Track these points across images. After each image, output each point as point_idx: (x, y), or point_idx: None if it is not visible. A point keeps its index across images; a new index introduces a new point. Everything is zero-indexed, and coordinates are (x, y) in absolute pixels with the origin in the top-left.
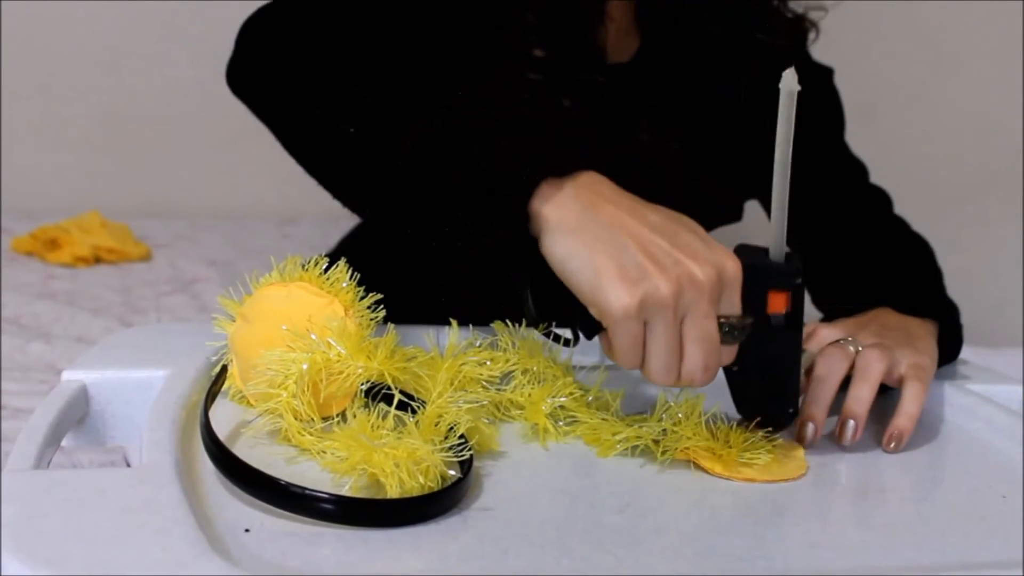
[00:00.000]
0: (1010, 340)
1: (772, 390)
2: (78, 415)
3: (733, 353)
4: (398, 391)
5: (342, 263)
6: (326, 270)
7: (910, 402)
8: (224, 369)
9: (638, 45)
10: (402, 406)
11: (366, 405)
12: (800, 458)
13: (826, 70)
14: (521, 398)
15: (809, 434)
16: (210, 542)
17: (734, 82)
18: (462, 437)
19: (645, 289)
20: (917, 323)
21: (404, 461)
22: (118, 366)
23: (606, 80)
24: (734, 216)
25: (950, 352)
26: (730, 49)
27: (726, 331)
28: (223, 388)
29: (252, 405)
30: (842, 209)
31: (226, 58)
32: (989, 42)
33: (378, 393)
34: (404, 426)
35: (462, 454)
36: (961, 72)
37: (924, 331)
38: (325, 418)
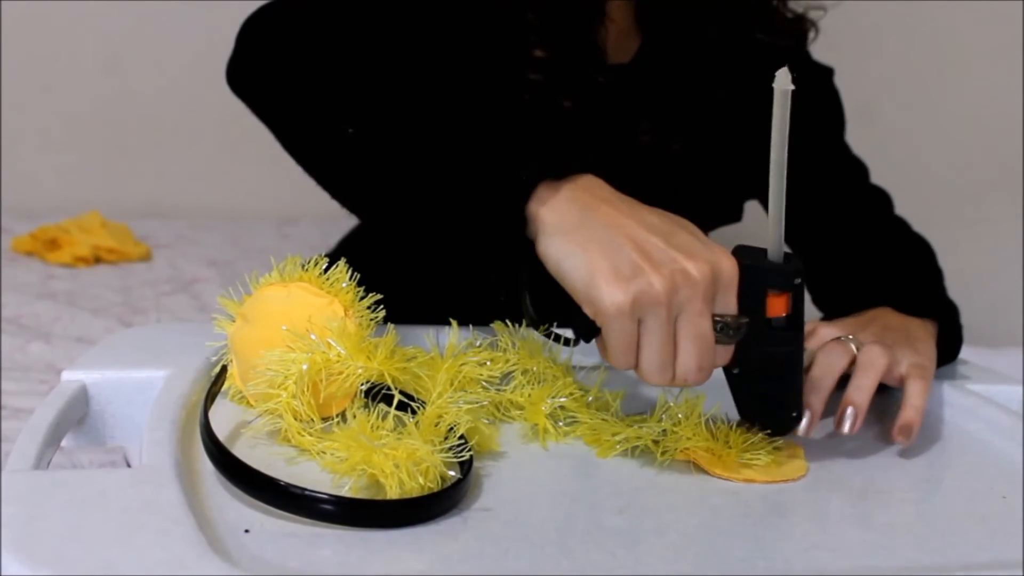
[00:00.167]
0: (1010, 340)
1: (775, 393)
2: (78, 415)
3: (728, 353)
4: (398, 391)
5: (342, 263)
6: (326, 270)
7: (915, 396)
8: (224, 369)
9: (638, 46)
10: (402, 406)
11: (366, 405)
12: (800, 459)
13: (826, 70)
14: (521, 398)
15: (804, 424)
16: (210, 543)
17: (734, 82)
18: (462, 437)
19: (639, 286)
20: (917, 324)
21: (404, 462)
22: (118, 366)
23: (606, 81)
24: (734, 216)
25: (950, 352)
26: (730, 49)
27: (721, 330)
28: (223, 388)
29: (252, 405)
30: (842, 209)
31: (226, 58)
32: (990, 42)
33: (378, 393)
34: (404, 427)
35: (462, 455)
36: (962, 72)
37: (924, 332)
38: (325, 418)
